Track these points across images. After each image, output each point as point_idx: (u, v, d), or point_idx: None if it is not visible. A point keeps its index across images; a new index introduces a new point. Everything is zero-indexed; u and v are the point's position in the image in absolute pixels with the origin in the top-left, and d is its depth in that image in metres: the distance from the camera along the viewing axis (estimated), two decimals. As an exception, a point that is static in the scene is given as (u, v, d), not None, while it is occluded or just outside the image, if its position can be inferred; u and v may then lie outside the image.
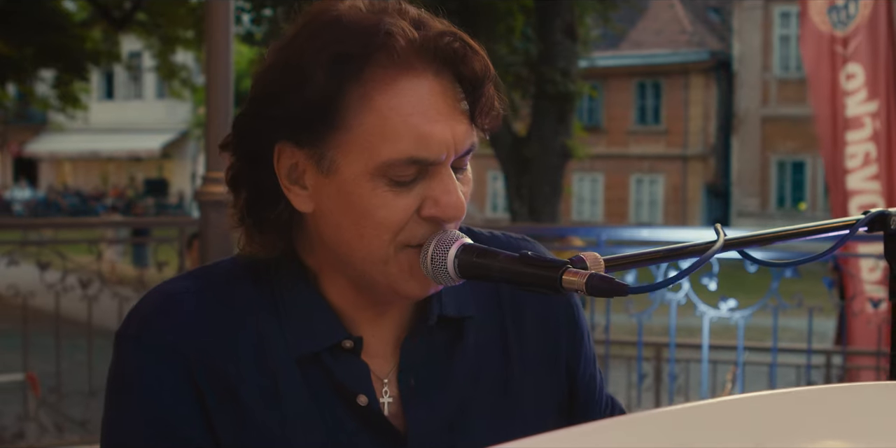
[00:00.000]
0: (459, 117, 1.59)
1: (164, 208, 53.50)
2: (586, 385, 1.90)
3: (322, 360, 1.67)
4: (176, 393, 1.63)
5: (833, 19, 9.19)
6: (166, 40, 25.22)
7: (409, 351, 1.73)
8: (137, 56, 43.54)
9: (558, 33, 19.16)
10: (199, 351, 1.64)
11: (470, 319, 1.77)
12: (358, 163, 1.56)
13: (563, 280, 1.49)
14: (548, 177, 19.32)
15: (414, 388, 1.72)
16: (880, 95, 8.99)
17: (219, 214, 6.51)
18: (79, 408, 7.63)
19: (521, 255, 1.54)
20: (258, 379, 1.65)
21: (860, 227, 1.91)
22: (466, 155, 1.62)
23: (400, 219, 1.58)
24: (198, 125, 42.59)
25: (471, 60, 1.61)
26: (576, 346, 1.87)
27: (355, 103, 1.55)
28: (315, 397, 1.67)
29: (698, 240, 1.75)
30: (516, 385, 1.80)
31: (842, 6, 9.15)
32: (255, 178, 1.65)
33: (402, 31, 1.56)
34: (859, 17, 9.05)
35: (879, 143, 8.99)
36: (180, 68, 27.48)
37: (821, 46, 9.34)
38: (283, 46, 1.62)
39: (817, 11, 9.29)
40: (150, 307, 1.69)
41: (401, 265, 1.61)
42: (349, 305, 1.70)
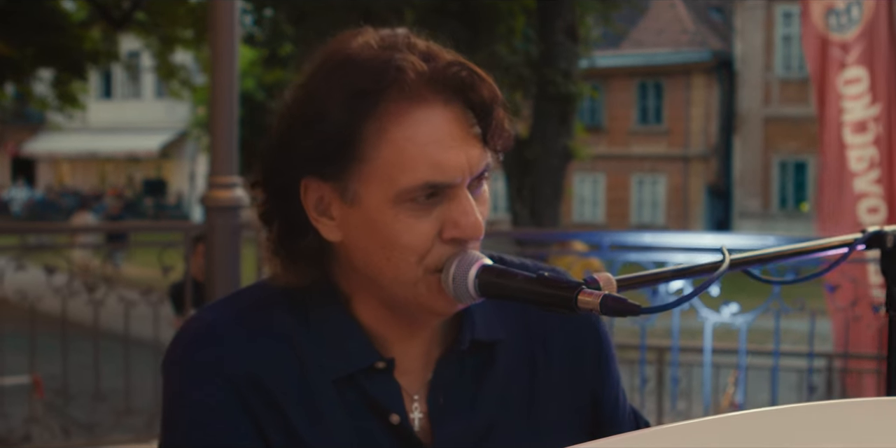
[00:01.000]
0: (472, 142, 1.69)
1: (163, 208, 53.40)
2: (611, 406, 1.99)
3: (356, 381, 1.76)
4: (229, 412, 1.71)
5: (832, 23, 9.22)
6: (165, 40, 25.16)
7: (443, 371, 1.82)
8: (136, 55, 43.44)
9: (559, 34, 19.18)
10: (244, 372, 1.73)
11: (500, 343, 1.85)
12: (379, 192, 1.66)
13: (578, 300, 1.59)
14: (549, 178, 19.34)
15: (443, 406, 1.81)
16: (882, 99, 9.02)
17: (224, 219, 6.53)
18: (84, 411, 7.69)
19: (538, 276, 1.64)
20: (300, 399, 1.74)
21: (858, 245, 2.03)
22: (481, 176, 1.72)
23: (423, 242, 1.67)
24: (197, 125, 42.44)
25: (479, 87, 1.69)
26: (602, 371, 1.96)
27: (372, 136, 1.64)
28: (351, 415, 1.75)
29: (697, 244, 1.83)
30: (541, 407, 1.88)
31: (843, 10, 9.17)
32: (284, 211, 1.74)
33: (411, 65, 1.65)
34: (863, 22, 9.08)
35: (881, 147, 9.02)
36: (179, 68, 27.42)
37: (820, 49, 9.37)
38: (302, 86, 1.72)
39: (818, 15, 9.32)
40: (191, 334, 1.77)
41: (429, 285, 1.70)
42: (381, 326, 1.79)
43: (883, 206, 8.99)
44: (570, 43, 19.32)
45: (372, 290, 1.76)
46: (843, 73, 9.16)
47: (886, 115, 8.99)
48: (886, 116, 8.98)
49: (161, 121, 53.08)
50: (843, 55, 9.17)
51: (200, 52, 25.24)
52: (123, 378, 7.13)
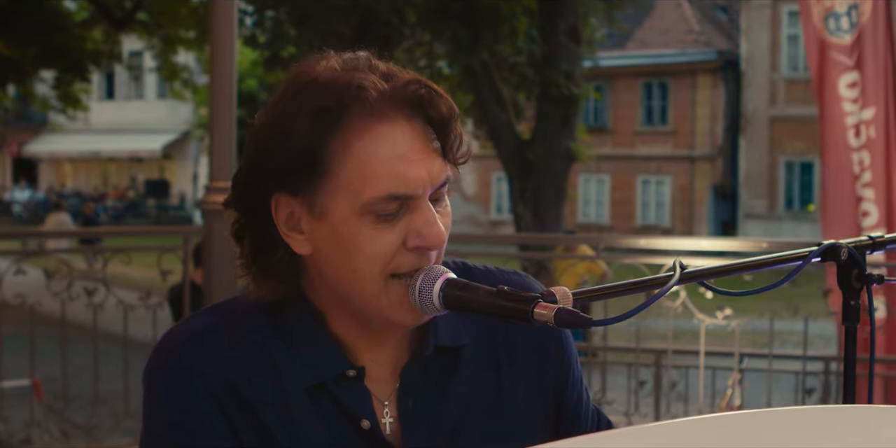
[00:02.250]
0: (433, 155, 1.79)
1: (165, 209, 53.41)
2: (574, 405, 2.08)
3: (329, 388, 1.85)
4: (207, 417, 1.81)
5: (831, 26, 9.24)
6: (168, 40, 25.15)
7: (408, 377, 1.91)
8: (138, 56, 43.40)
9: (562, 36, 19.18)
10: (222, 379, 1.82)
11: (465, 348, 1.95)
12: (345, 204, 1.76)
13: (534, 313, 1.70)
14: (552, 180, 19.34)
15: (412, 410, 1.90)
16: (878, 103, 9.03)
17: (222, 223, 6.56)
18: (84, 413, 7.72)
19: (498, 290, 1.74)
20: (275, 405, 1.83)
21: (813, 258, 2.10)
22: (442, 187, 1.81)
23: (387, 251, 1.77)
24: (199, 126, 42.48)
25: (437, 103, 1.79)
26: (564, 371, 2.06)
27: (337, 152, 1.75)
28: (324, 422, 1.85)
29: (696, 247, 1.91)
30: (507, 407, 1.97)
31: (842, 13, 9.19)
32: (256, 228, 1.84)
33: (372, 84, 1.75)
34: (859, 25, 9.10)
35: (874, 150, 9.03)
36: (182, 69, 27.41)
37: (821, 52, 9.39)
38: (271, 108, 1.82)
39: (817, 18, 9.34)
40: (173, 342, 1.87)
41: (391, 298, 1.80)
42: (351, 337, 1.88)
43: (874, 211, 9.01)
44: (573, 44, 19.32)
45: (341, 302, 1.85)
46: (844, 76, 9.18)
47: (883, 118, 9.00)
48: (882, 120, 9.00)
49: (163, 121, 53.11)
50: (843, 58, 9.19)
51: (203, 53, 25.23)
52: (122, 381, 7.17)
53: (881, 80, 9.07)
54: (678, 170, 41.08)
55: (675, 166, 41.14)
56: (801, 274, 2.18)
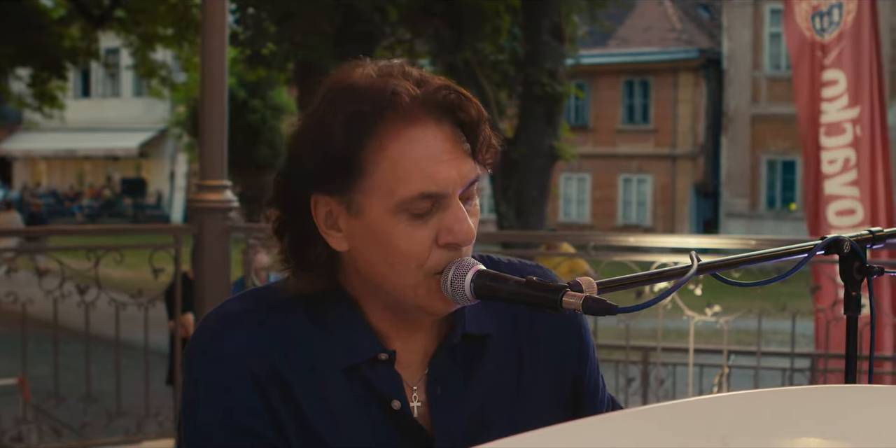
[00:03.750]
0: (463, 156, 1.90)
1: (142, 208, 53.11)
2: (590, 395, 2.18)
3: (362, 371, 1.95)
4: (246, 395, 1.91)
5: (816, 25, 9.29)
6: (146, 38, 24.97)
7: (437, 363, 2.02)
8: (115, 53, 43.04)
9: (545, 34, 19.21)
10: (261, 360, 1.92)
11: (490, 337, 2.04)
12: (380, 204, 1.86)
13: (562, 301, 1.81)
14: (535, 179, 19.37)
15: (440, 394, 2.00)
16: (863, 102, 9.08)
17: (212, 221, 6.60)
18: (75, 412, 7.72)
19: (527, 280, 1.85)
20: (310, 386, 1.93)
21: (818, 251, 2.23)
22: (471, 186, 1.91)
23: (421, 248, 1.88)
24: (177, 124, 42.17)
25: (467, 108, 1.90)
26: (582, 361, 2.16)
27: (372, 154, 1.85)
28: (357, 402, 1.95)
29: (679, 245, 1.99)
30: (529, 394, 2.07)
31: (826, 12, 9.25)
32: (296, 226, 1.95)
33: (405, 89, 1.85)
34: (843, 24, 9.15)
35: (860, 149, 9.08)
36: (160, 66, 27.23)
37: (803, 50, 9.44)
38: (310, 114, 1.92)
39: (802, 17, 9.39)
40: (211, 327, 1.98)
41: (429, 288, 1.90)
42: (383, 325, 1.99)
43: (860, 208, 9.05)
44: (556, 43, 19.34)
45: (375, 293, 1.95)
46: (822, 74, 9.24)
47: (868, 116, 9.06)
48: (868, 118, 9.06)
49: (140, 119, 52.69)
50: (822, 57, 9.24)
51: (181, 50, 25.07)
52: (114, 379, 7.18)
53: (866, 78, 9.12)
54: (660, 168, 41.09)
55: (656, 165, 41.16)
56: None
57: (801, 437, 1.48)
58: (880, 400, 1.60)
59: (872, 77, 9.14)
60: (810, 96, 9.31)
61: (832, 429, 1.51)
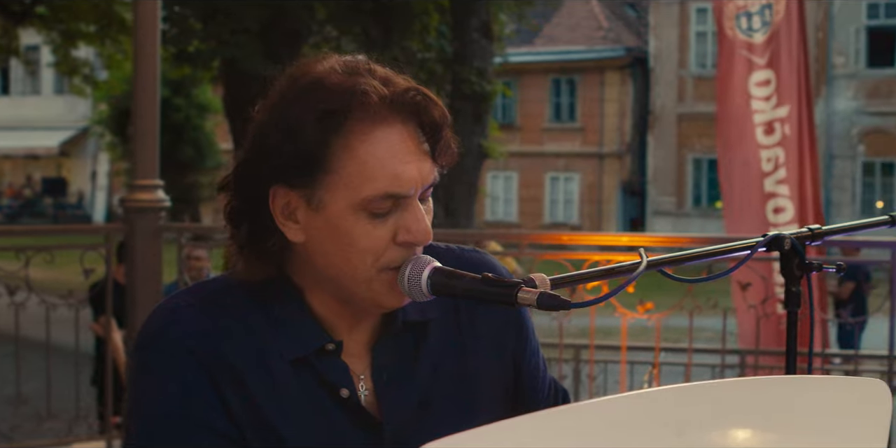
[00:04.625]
0: (424, 157, 1.94)
1: (63, 208, 52.42)
2: (531, 373, 2.23)
3: (310, 361, 1.98)
4: (199, 387, 1.92)
5: (743, 25, 9.38)
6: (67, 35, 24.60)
7: (381, 352, 2.05)
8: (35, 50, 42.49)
9: (474, 33, 19.24)
10: (210, 349, 1.94)
11: (431, 322, 2.10)
12: (343, 200, 1.90)
13: (518, 297, 1.85)
14: (464, 177, 19.39)
15: (385, 382, 2.04)
16: (791, 101, 9.18)
17: (145, 221, 6.56)
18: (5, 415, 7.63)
19: (483, 277, 1.90)
20: (260, 376, 1.96)
21: (760, 247, 2.35)
22: (429, 188, 1.96)
23: (379, 245, 1.92)
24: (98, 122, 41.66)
25: (431, 110, 1.94)
26: (521, 341, 2.21)
27: (339, 151, 1.89)
28: (306, 392, 1.98)
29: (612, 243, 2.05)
30: (471, 375, 2.12)
31: (755, 12, 9.33)
32: (252, 215, 1.96)
33: (374, 89, 1.89)
34: (773, 25, 9.24)
35: (788, 147, 9.18)
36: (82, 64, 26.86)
37: (731, 50, 9.52)
38: (274, 105, 1.95)
39: (727, 16, 9.48)
40: (158, 321, 1.99)
41: (382, 283, 1.94)
42: (331, 315, 2.02)
43: (790, 206, 9.16)
44: (485, 41, 19.39)
45: (326, 285, 1.99)
46: (754, 74, 9.32)
47: (796, 116, 9.16)
48: (796, 118, 9.16)
49: (61, 118, 51.88)
50: (753, 57, 9.33)
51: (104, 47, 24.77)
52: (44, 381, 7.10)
53: (795, 78, 9.22)
54: (586, 167, 41.23)
55: (583, 163, 41.29)
56: (719, 269, 2.33)
57: (752, 427, 1.55)
58: (824, 390, 1.66)
59: (800, 76, 9.24)
60: (742, 95, 9.38)
61: (785, 418, 1.58)
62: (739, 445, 1.54)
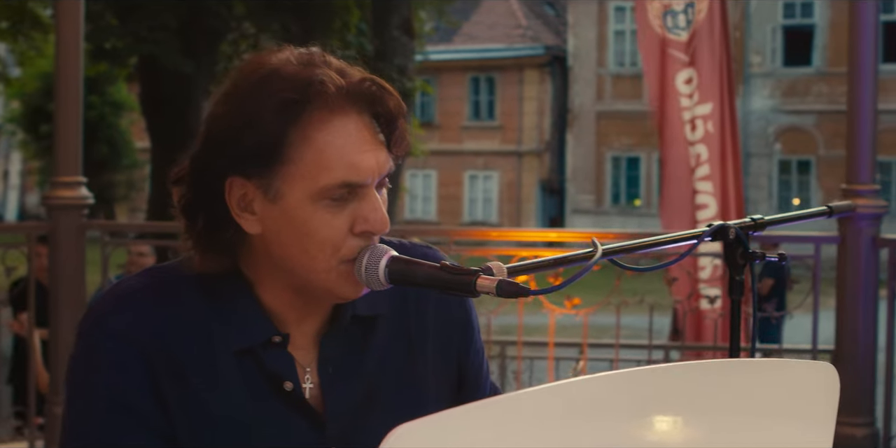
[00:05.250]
0: (380, 147, 1.94)
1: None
2: (474, 373, 2.24)
3: (255, 353, 1.98)
4: (134, 375, 1.92)
5: (669, 24, 9.44)
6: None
7: (328, 345, 2.04)
8: (-59, 45, 41.86)
9: (395, 30, 19.18)
10: (153, 339, 1.93)
11: (380, 317, 2.09)
12: (300, 190, 1.89)
13: (477, 285, 1.86)
14: (386, 175, 19.35)
15: (331, 375, 2.03)
16: (714, 99, 9.26)
17: (68, 218, 6.49)
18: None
19: (441, 265, 1.90)
20: (202, 367, 1.95)
21: (706, 237, 2.40)
22: (385, 178, 1.96)
23: (337, 235, 1.91)
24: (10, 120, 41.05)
25: (386, 100, 1.95)
26: (467, 340, 2.21)
27: (297, 141, 1.89)
28: (249, 384, 1.97)
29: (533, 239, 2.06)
30: (418, 371, 2.12)
31: (679, 11, 9.40)
32: (208, 207, 1.95)
33: (331, 79, 1.90)
34: (695, 23, 9.31)
35: (710, 144, 9.26)
36: (-7, 61, 26.54)
37: (657, 49, 9.57)
38: (229, 96, 1.95)
39: (654, 15, 9.53)
40: (107, 303, 1.98)
41: (340, 274, 1.93)
42: (281, 307, 2.01)
43: (712, 203, 9.24)
44: (406, 38, 19.33)
45: (280, 276, 1.98)
46: (681, 72, 9.39)
47: (719, 113, 9.24)
48: (719, 115, 9.24)
49: (-31, 116, 51.24)
50: (680, 55, 9.40)
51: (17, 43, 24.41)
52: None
53: (717, 76, 9.30)
54: (505, 165, 41.40)
55: (502, 161, 41.46)
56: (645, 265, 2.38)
57: (699, 411, 1.55)
58: (772, 373, 1.66)
59: (723, 74, 9.32)
60: (669, 93, 9.45)
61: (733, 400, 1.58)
62: (686, 429, 1.54)
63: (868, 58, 6.32)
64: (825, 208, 2.73)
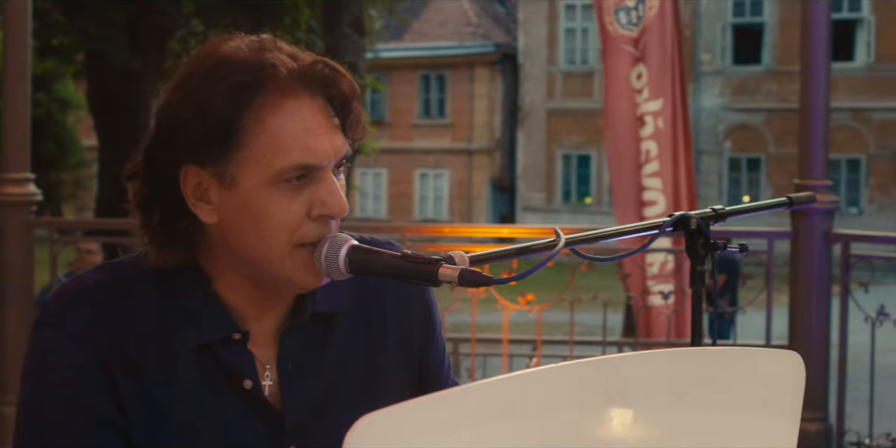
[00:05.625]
0: (335, 130, 1.92)
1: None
2: (436, 367, 2.20)
3: (214, 350, 1.95)
4: (89, 373, 1.89)
5: (622, 20, 9.45)
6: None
7: (288, 342, 2.01)
8: None
9: (345, 27, 19.13)
10: (109, 337, 1.90)
11: (340, 313, 2.07)
12: (256, 175, 1.87)
13: (439, 273, 1.83)
14: (333, 173, 19.31)
15: (291, 372, 2.00)
16: (665, 94, 9.28)
17: (17, 215, 6.45)
18: None
19: (402, 254, 1.88)
20: (160, 365, 1.92)
21: (667, 227, 2.40)
22: (343, 160, 1.94)
23: (294, 220, 1.89)
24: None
25: (340, 83, 1.93)
26: (428, 336, 2.18)
27: (251, 125, 1.87)
28: (208, 382, 1.95)
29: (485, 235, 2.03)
30: (378, 368, 2.10)
31: (632, 7, 9.42)
32: (163, 199, 1.92)
33: (283, 62, 1.89)
34: (646, 19, 9.33)
35: (661, 141, 9.27)
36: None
37: (612, 45, 9.59)
38: (181, 84, 1.92)
39: (607, 11, 9.55)
40: (63, 298, 1.94)
41: (296, 262, 1.90)
42: (240, 302, 1.98)
43: (662, 199, 9.25)
44: (357, 36, 19.28)
45: (240, 268, 1.95)
46: (634, 68, 9.41)
47: (671, 109, 9.25)
48: (671, 111, 9.25)
49: None
50: (632, 51, 9.41)
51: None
52: None
53: (668, 72, 9.32)
54: (456, 163, 41.42)
55: (452, 159, 41.47)
56: (599, 265, 2.37)
57: (664, 398, 1.54)
58: (738, 361, 1.65)
59: (674, 70, 9.34)
60: (626, 90, 9.46)
61: (699, 389, 1.57)
62: (648, 421, 1.52)
63: (820, 55, 6.35)
64: (785, 199, 2.72)
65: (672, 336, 7.51)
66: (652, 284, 8.44)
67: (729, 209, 2.54)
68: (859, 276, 6.67)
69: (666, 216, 2.44)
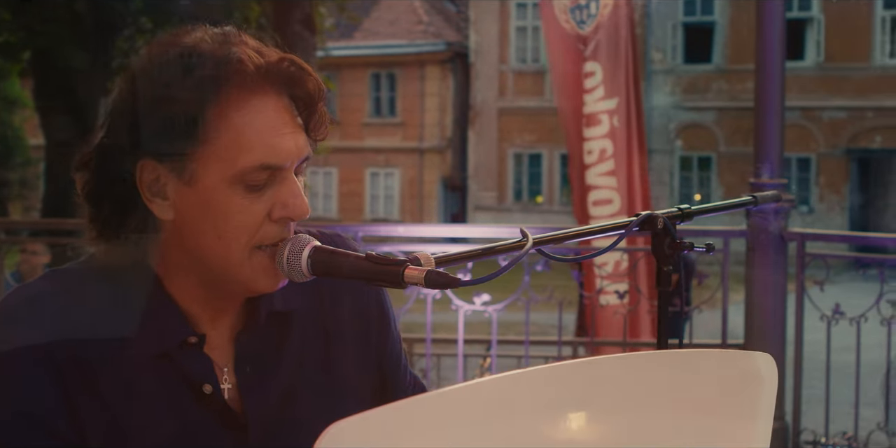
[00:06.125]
0: (298, 130, 1.88)
1: None
2: (393, 364, 2.17)
3: (171, 355, 1.89)
4: (42, 387, 1.81)
5: (576, 18, 9.43)
6: None
7: (244, 343, 1.97)
8: None
9: (296, 25, 19.06)
10: (62, 348, 1.82)
11: (296, 312, 2.02)
12: (217, 172, 1.81)
13: (405, 275, 1.79)
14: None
15: (249, 374, 1.96)
16: (620, 93, 9.27)
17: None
18: None
19: (367, 255, 1.84)
20: (116, 372, 1.85)
21: (634, 227, 2.37)
22: (304, 162, 1.90)
23: (255, 222, 1.84)
24: None
25: (305, 82, 1.88)
26: (383, 331, 2.15)
27: (214, 120, 1.80)
28: (166, 388, 1.88)
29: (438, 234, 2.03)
30: (337, 366, 2.06)
31: (584, 5, 9.40)
32: (116, 193, 1.86)
33: (249, 58, 1.83)
34: (599, 17, 9.32)
35: (616, 139, 9.26)
36: None
37: (564, 44, 9.57)
38: (140, 75, 1.84)
39: (561, 10, 9.52)
40: (11, 309, 1.87)
41: (254, 265, 1.86)
42: (193, 305, 1.92)
43: (616, 198, 9.24)
44: (307, 34, 19.20)
45: (194, 269, 1.89)
46: (584, 66, 9.39)
47: (625, 108, 9.24)
48: (625, 109, 9.24)
49: None
50: (583, 49, 9.40)
51: None
52: None
53: (622, 70, 9.31)
54: (407, 162, 41.44)
55: (403, 158, 41.48)
56: (554, 264, 2.36)
57: (637, 403, 1.51)
58: (711, 363, 1.63)
59: (629, 69, 9.33)
60: (574, 89, 9.45)
61: (671, 392, 1.55)
62: (622, 427, 1.50)
63: (775, 54, 6.35)
64: (751, 198, 2.70)
65: (628, 335, 7.50)
66: (606, 284, 8.41)
67: (695, 208, 2.52)
68: (814, 274, 6.68)
69: (632, 216, 2.42)
